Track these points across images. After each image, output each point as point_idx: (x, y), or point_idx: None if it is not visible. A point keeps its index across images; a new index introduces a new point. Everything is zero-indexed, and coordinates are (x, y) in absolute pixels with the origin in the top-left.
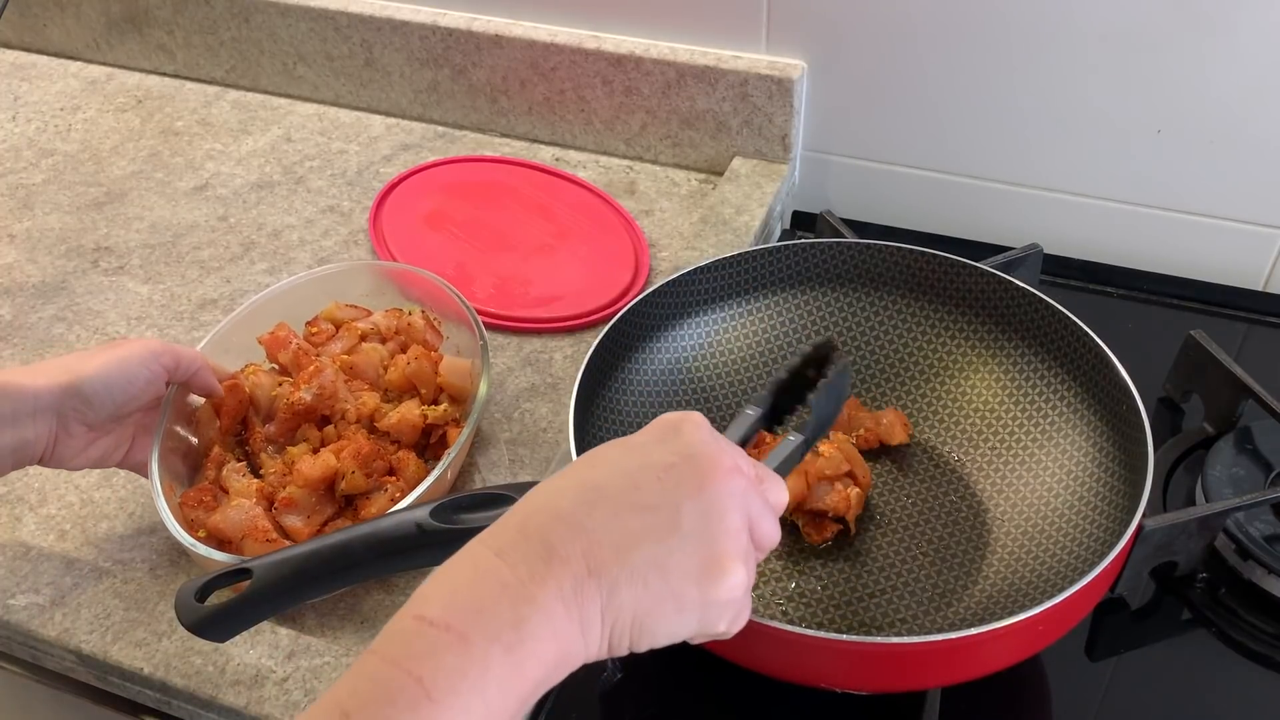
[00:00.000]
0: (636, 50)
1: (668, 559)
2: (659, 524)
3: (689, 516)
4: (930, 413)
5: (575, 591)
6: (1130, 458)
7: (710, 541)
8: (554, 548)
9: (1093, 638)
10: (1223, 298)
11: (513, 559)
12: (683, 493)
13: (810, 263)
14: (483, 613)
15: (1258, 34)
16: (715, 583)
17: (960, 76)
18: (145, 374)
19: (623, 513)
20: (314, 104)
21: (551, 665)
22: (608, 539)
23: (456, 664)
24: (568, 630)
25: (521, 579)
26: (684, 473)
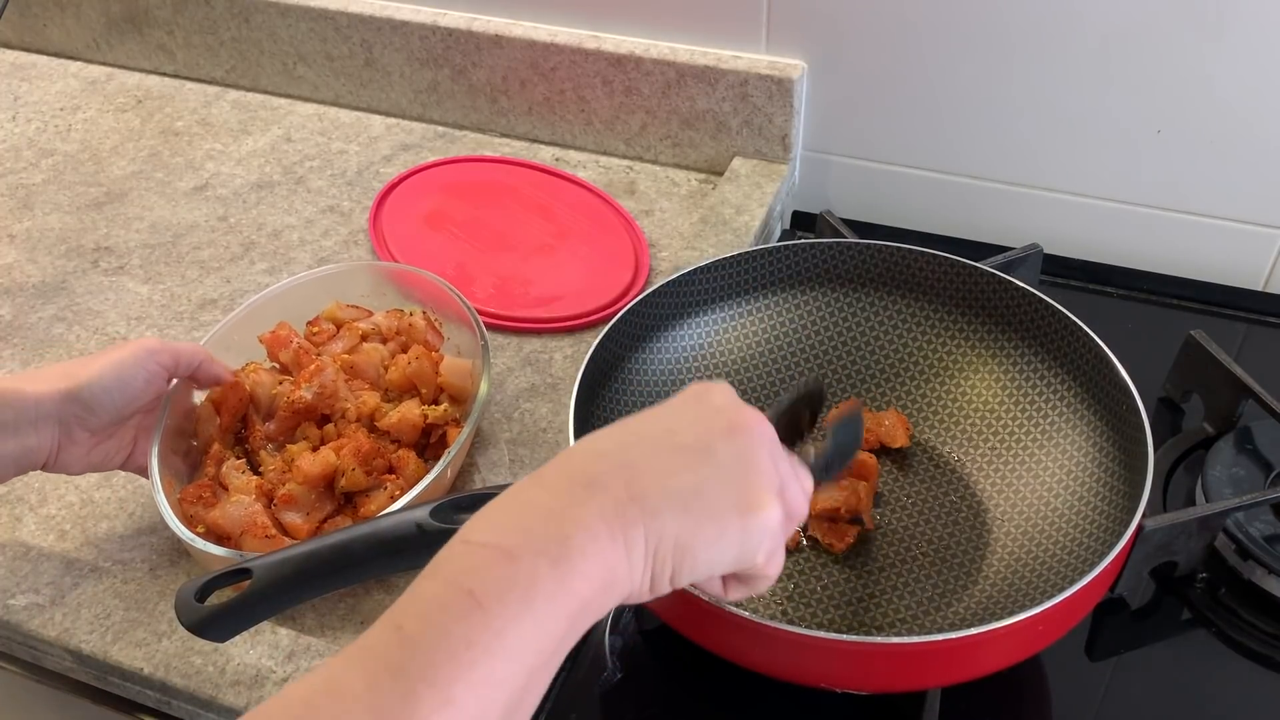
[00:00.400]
0: (636, 50)
1: (705, 486)
2: (695, 458)
3: (723, 454)
4: (930, 413)
5: (617, 514)
6: (1130, 458)
7: (743, 476)
8: (595, 477)
9: (1093, 638)
10: (1223, 298)
11: (554, 488)
12: (716, 434)
13: (810, 263)
14: (528, 532)
15: (1258, 34)
16: (753, 512)
17: (960, 76)
18: (143, 375)
19: (660, 450)
20: (314, 104)
21: (598, 586)
22: (647, 469)
23: (505, 575)
24: (612, 551)
25: (564, 504)
26: (716, 420)
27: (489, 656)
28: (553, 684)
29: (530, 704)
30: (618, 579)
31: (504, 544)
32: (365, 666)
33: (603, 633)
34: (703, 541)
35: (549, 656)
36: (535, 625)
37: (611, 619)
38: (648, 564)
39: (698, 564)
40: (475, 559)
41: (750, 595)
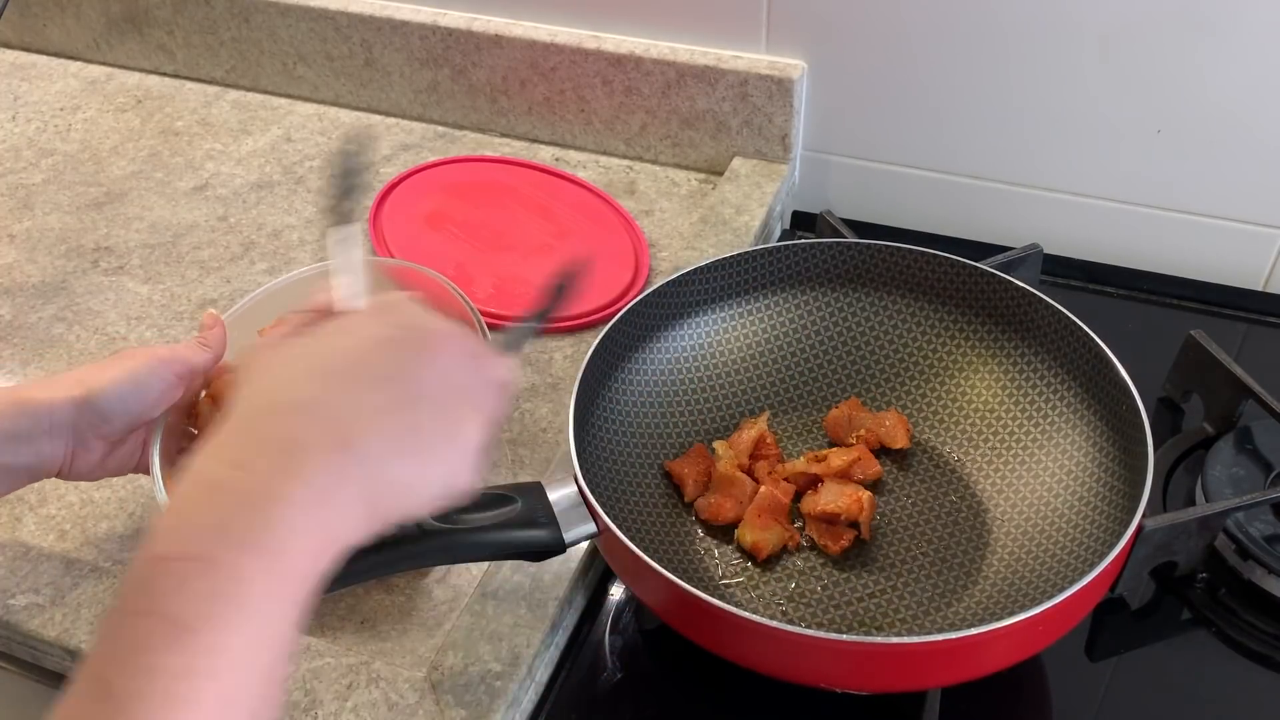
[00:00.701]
0: (636, 50)
1: (417, 420)
2: (401, 390)
3: (427, 381)
4: (930, 413)
5: (326, 472)
6: (1130, 458)
7: (451, 399)
8: (295, 438)
9: (1093, 638)
10: (1223, 298)
11: (248, 463)
12: (413, 360)
13: (810, 263)
14: (225, 528)
15: (1258, 34)
16: (459, 435)
17: (960, 76)
18: (159, 385)
19: (360, 387)
20: (314, 104)
21: (319, 554)
22: (350, 411)
23: (208, 589)
24: (325, 515)
25: (263, 480)
26: (409, 341)
27: (213, 680)
28: (552, 684)
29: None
30: (338, 538)
31: (200, 552)
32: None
33: (603, 633)
34: (420, 479)
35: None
36: (257, 627)
37: (612, 619)
38: (366, 512)
39: (417, 500)
40: (170, 578)
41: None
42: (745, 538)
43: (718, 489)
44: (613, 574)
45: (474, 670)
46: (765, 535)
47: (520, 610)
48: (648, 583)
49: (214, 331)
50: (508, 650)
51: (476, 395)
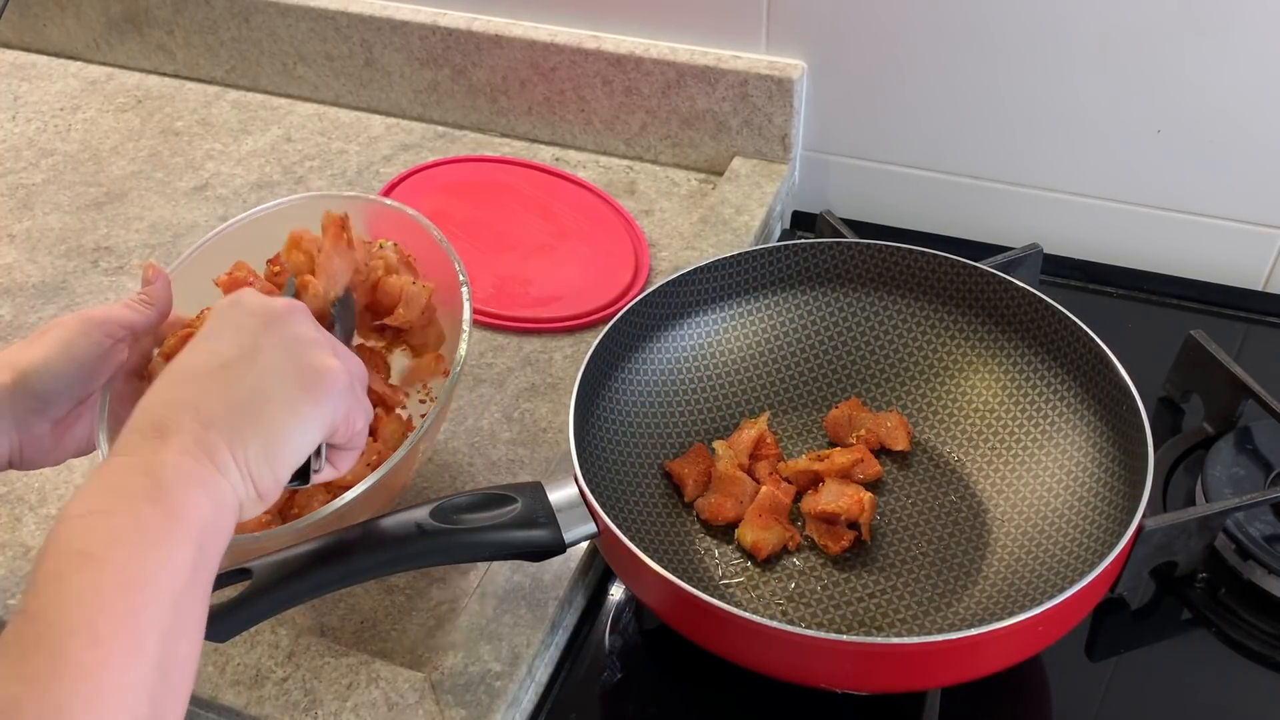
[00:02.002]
0: (636, 50)
1: (265, 383)
2: (245, 365)
3: (269, 348)
4: (930, 413)
5: (198, 445)
6: (1130, 458)
7: (295, 356)
8: (164, 424)
9: (1093, 638)
10: (1223, 298)
11: (133, 451)
12: (254, 335)
13: (810, 263)
14: (120, 489)
15: (1258, 34)
16: (317, 379)
17: (960, 76)
18: (94, 351)
19: (212, 374)
20: (314, 104)
21: (210, 509)
22: (207, 397)
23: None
24: (205, 475)
25: (145, 457)
26: (249, 323)
27: (122, 593)
28: (552, 684)
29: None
30: (223, 497)
31: (100, 507)
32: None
33: (603, 633)
34: (284, 434)
35: (189, 580)
36: (158, 556)
37: (612, 619)
38: (245, 474)
39: (292, 453)
40: (76, 527)
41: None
42: (745, 537)
43: (718, 489)
44: (613, 574)
45: (474, 670)
46: (765, 535)
47: (520, 610)
48: (648, 583)
49: (156, 286)
50: (508, 650)
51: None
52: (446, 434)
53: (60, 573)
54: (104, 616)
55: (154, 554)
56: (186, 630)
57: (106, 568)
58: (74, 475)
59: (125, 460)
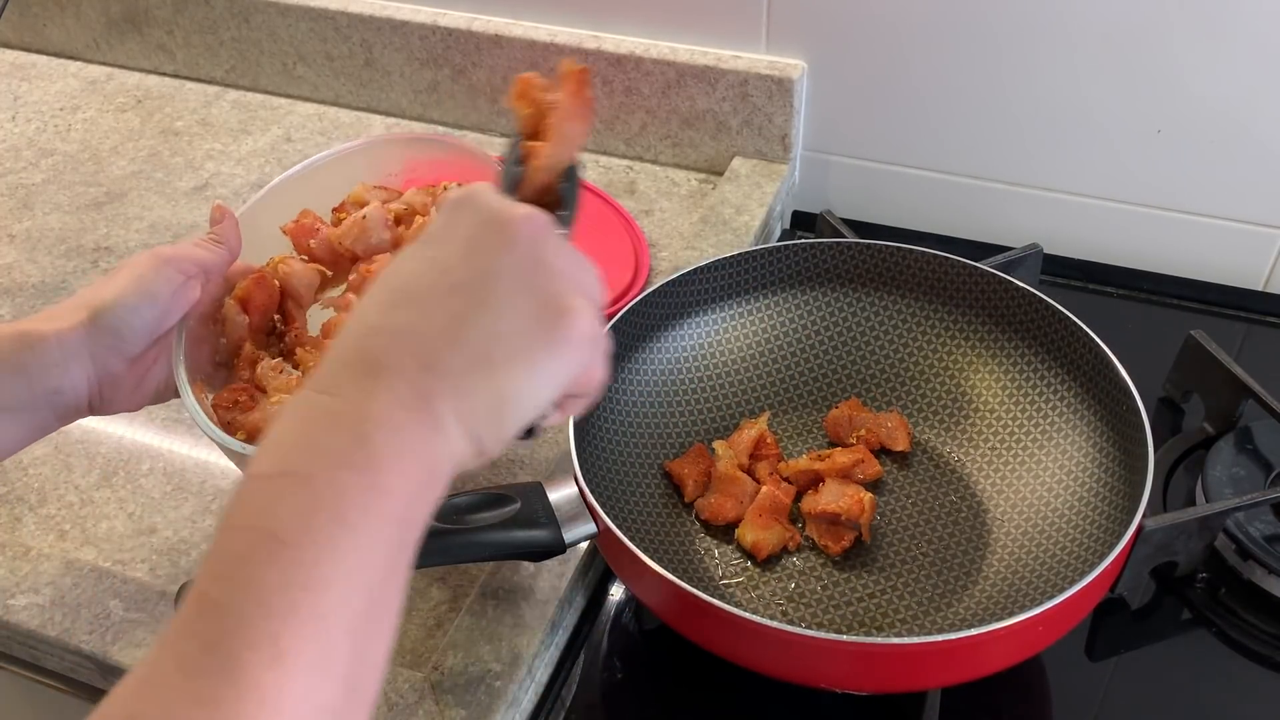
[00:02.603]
0: (636, 50)
1: (498, 324)
2: (479, 295)
3: (505, 275)
4: (930, 413)
5: (414, 393)
6: (1130, 458)
7: (536, 289)
8: (377, 359)
9: (1093, 638)
10: (1223, 298)
11: (337, 389)
12: (490, 255)
13: (810, 263)
14: (318, 446)
15: (1258, 34)
16: (557, 327)
17: (960, 76)
18: (167, 287)
19: (439, 300)
20: (314, 104)
21: (417, 476)
22: (430, 329)
23: (304, 503)
24: (420, 435)
25: (352, 402)
26: (484, 238)
27: (310, 593)
28: (552, 684)
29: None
30: (437, 460)
31: (294, 468)
32: (177, 650)
33: (603, 633)
34: (517, 390)
35: (387, 568)
36: (356, 544)
37: (612, 619)
38: (465, 431)
39: (521, 410)
40: (266, 495)
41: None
42: (746, 538)
43: (718, 489)
44: (613, 574)
45: (474, 670)
46: (766, 535)
47: (520, 610)
48: (648, 583)
49: (224, 225)
50: (508, 650)
51: (569, 279)
52: None
53: (247, 553)
54: (289, 628)
55: (351, 542)
56: (380, 630)
57: (297, 559)
58: (73, 475)
59: (328, 402)
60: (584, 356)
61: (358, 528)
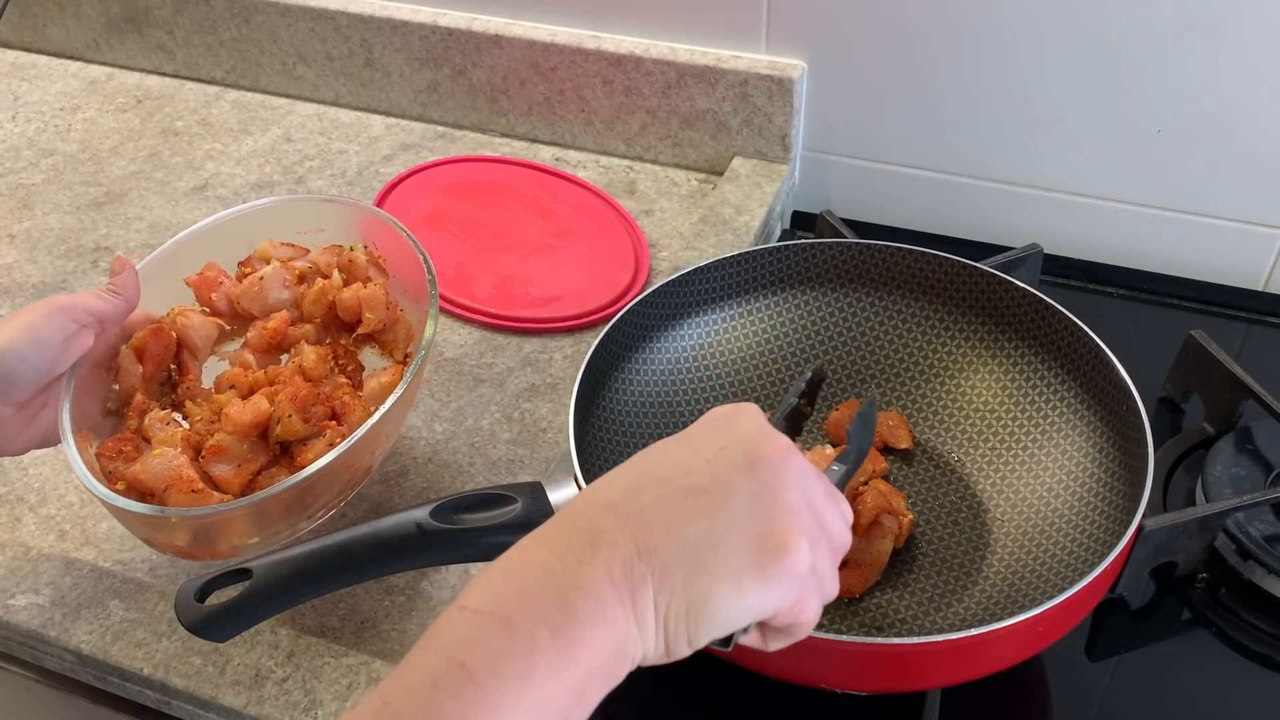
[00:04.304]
0: (636, 50)
1: (719, 534)
2: (710, 502)
3: (741, 492)
4: (930, 413)
5: (625, 575)
6: (1130, 458)
7: (766, 517)
8: (601, 533)
9: (1093, 638)
10: (1223, 298)
11: (558, 548)
12: (734, 470)
13: (810, 263)
14: (527, 597)
15: (1258, 34)
16: (774, 558)
17: (960, 76)
18: (59, 335)
19: (672, 496)
20: (314, 104)
21: (606, 654)
22: (656, 520)
23: (501, 647)
24: (619, 615)
25: (568, 566)
26: (736, 453)
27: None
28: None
29: None
30: (628, 645)
31: (500, 611)
32: None
33: None
34: (719, 599)
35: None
36: (536, 699)
37: None
38: (660, 626)
39: (716, 623)
40: (469, 628)
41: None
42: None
43: None
44: None
45: None
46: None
47: None
48: None
49: (123, 276)
50: None
51: (803, 517)
52: (446, 434)
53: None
54: None
55: (532, 697)
56: None
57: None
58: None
59: (547, 558)
60: (793, 594)
61: (541, 685)
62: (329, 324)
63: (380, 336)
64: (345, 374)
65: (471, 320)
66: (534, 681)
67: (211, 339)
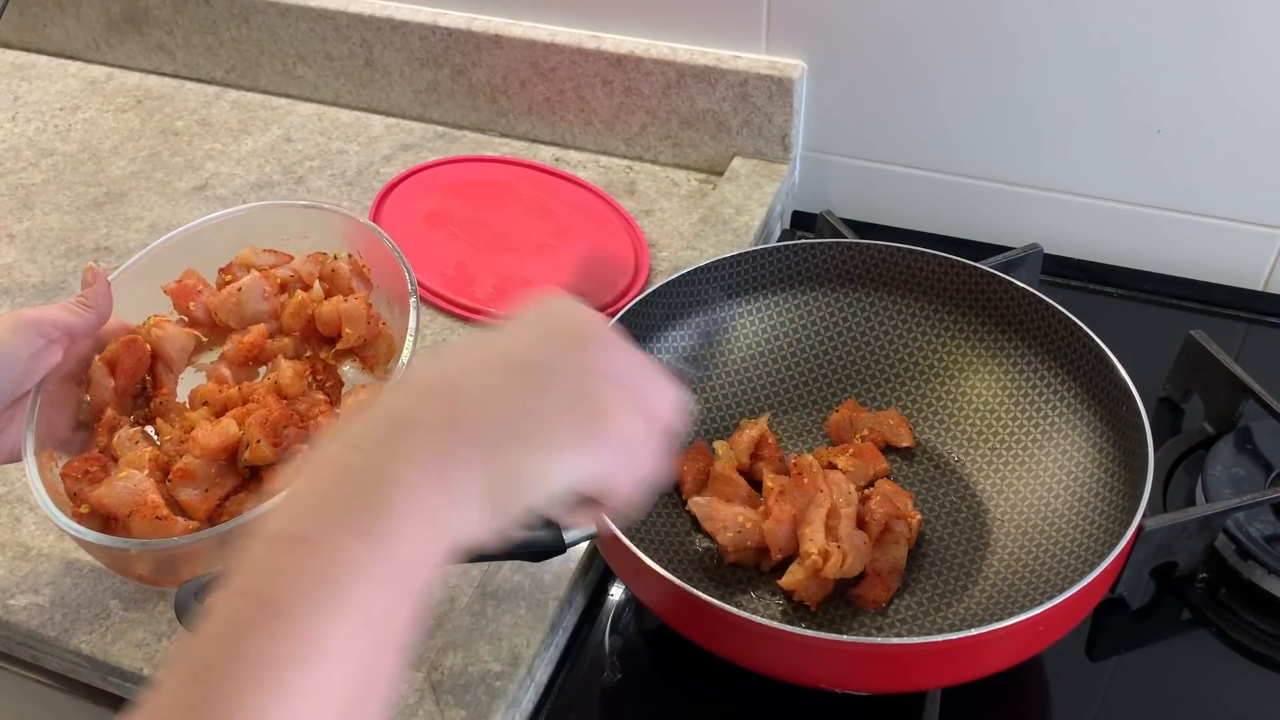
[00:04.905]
0: (636, 50)
1: (540, 408)
2: (529, 378)
3: (561, 367)
4: (930, 413)
5: (438, 458)
6: (1130, 458)
7: (588, 391)
8: (412, 420)
9: (1093, 638)
10: (1223, 298)
11: (365, 444)
12: (555, 348)
13: (810, 263)
14: (327, 505)
15: (1258, 34)
16: (594, 425)
17: (960, 76)
18: (25, 350)
19: (489, 375)
20: (314, 104)
21: (425, 543)
22: (474, 397)
23: (306, 567)
24: (435, 501)
25: (375, 460)
26: (555, 336)
27: (302, 669)
28: (552, 684)
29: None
30: (448, 528)
31: (299, 529)
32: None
33: (603, 633)
34: (540, 473)
35: (384, 640)
36: (357, 609)
37: (612, 619)
38: (481, 505)
39: (536, 489)
40: (268, 557)
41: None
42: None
43: (712, 489)
44: (613, 574)
45: (474, 670)
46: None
47: (520, 610)
48: (648, 583)
49: (95, 288)
50: (508, 650)
51: (626, 390)
52: None
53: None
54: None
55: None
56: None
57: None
58: None
59: (352, 457)
60: (612, 462)
61: (359, 595)
62: (308, 337)
63: (361, 351)
64: (324, 390)
65: (471, 320)
66: (351, 593)
67: (188, 351)
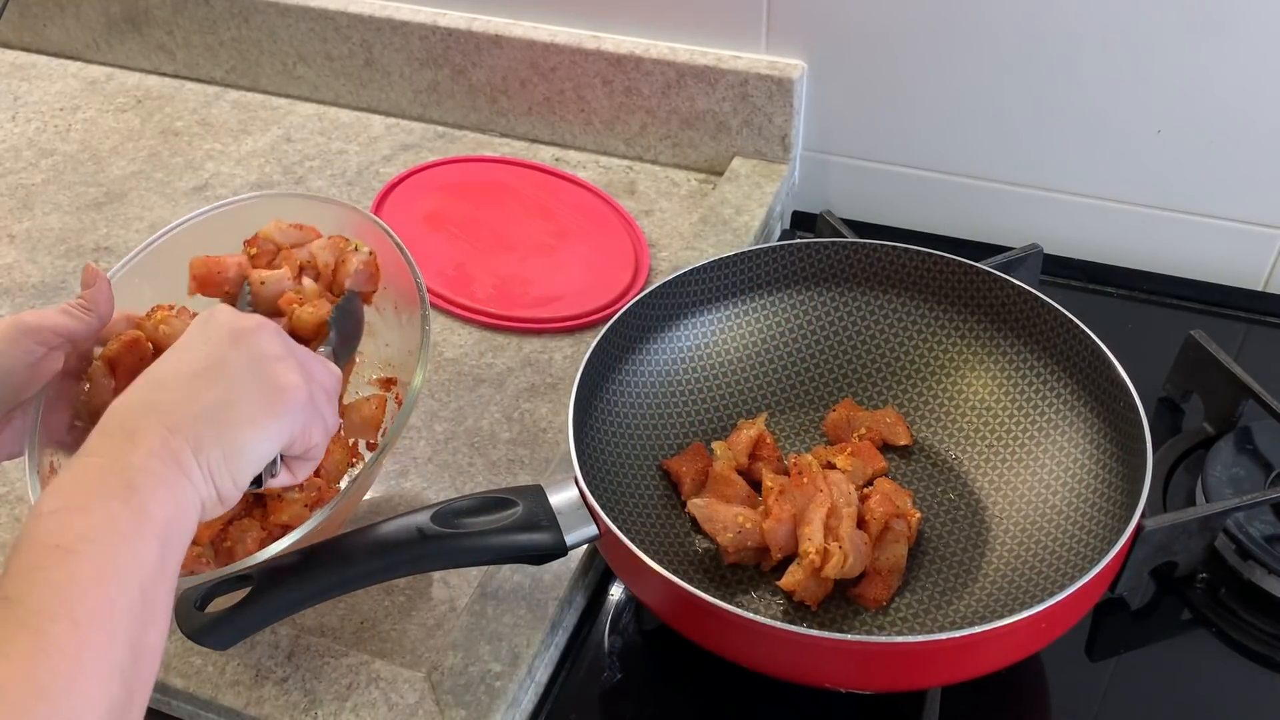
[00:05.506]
0: (636, 50)
1: (230, 395)
2: (211, 376)
3: (235, 360)
4: (929, 413)
5: (164, 449)
6: (1130, 457)
7: (260, 370)
8: (132, 429)
9: (1093, 638)
10: (1223, 298)
11: (102, 452)
12: (223, 349)
13: (810, 263)
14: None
15: (1258, 34)
16: (277, 396)
17: (960, 76)
18: (24, 360)
19: (182, 384)
20: (314, 104)
21: (175, 506)
22: (174, 405)
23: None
24: (173, 479)
25: (116, 458)
26: (221, 336)
27: (96, 584)
28: (552, 684)
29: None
30: (189, 498)
31: (73, 504)
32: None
33: (603, 633)
34: (244, 443)
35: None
36: (129, 553)
37: (612, 619)
38: (207, 478)
39: (249, 462)
40: (52, 524)
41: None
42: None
43: (711, 490)
44: (613, 574)
45: (474, 670)
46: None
47: (520, 610)
48: (648, 583)
49: (95, 290)
50: (508, 650)
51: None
52: (446, 434)
53: (38, 564)
54: (82, 605)
55: (125, 548)
56: (155, 618)
57: (82, 560)
58: None
59: (96, 460)
60: (300, 419)
61: (129, 539)
62: None
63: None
64: None
65: (471, 320)
66: (122, 538)
67: None
